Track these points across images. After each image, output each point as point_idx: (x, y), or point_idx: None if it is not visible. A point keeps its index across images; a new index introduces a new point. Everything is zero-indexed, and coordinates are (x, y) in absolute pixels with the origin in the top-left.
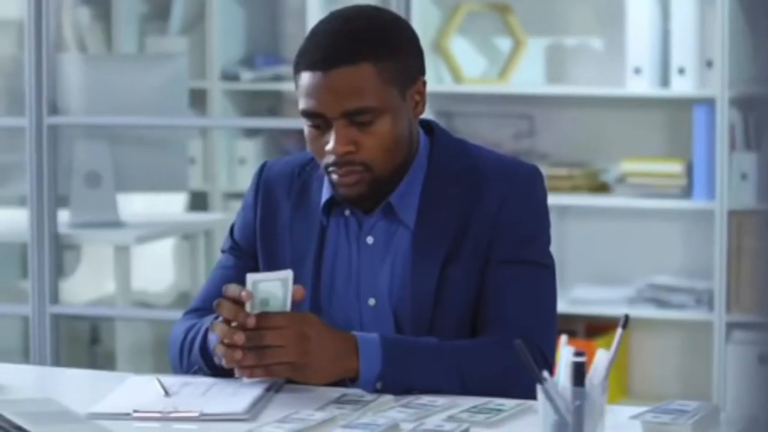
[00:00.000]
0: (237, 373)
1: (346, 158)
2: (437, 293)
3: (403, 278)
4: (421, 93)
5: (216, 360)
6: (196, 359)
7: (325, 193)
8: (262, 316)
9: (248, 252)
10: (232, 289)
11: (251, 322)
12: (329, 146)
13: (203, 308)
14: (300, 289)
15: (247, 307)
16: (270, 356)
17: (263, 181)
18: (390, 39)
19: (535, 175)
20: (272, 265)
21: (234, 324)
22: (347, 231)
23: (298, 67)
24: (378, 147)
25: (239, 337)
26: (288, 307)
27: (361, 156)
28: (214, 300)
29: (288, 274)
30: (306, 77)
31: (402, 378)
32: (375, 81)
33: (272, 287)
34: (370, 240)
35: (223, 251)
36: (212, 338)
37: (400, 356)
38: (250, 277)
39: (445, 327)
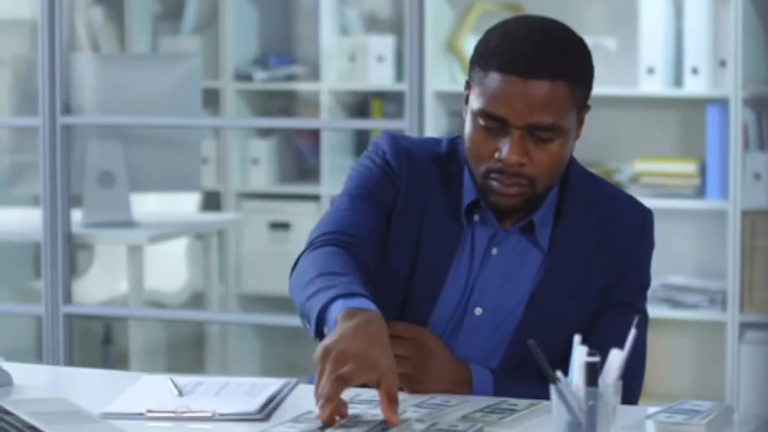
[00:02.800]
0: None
1: (515, 169)
2: (556, 321)
3: (522, 297)
4: (583, 120)
5: (326, 330)
6: (309, 314)
7: (468, 195)
8: (389, 324)
9: (381, 200)
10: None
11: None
12: (503, 153)
13: (352, 235)
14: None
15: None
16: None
17: (402, 154)
18: (584, 63)
19: (653, 219)
20: (397, 241)
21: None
22: (473, 237)
23: (488, 65)
24: (547, 165)
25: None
26: None
27: (529, 170)
28: (364, 233)
29: None
30: (497, 78)
31: None
32: (565, 101)
33: None
34: (494, 251)
35: (349, 195)
36: (331, 318)
37: (508, 393)
38: None
39: (550, 354)
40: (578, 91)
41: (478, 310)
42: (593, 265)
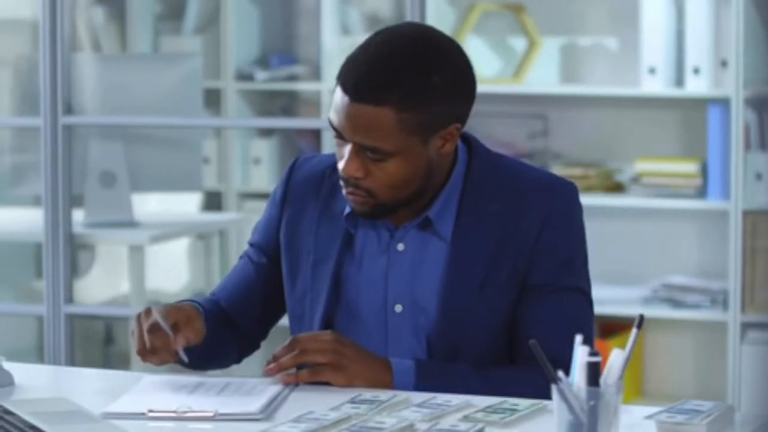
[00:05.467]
0: (281, 380)
1: (352, 180)
2: (470, 312)
3: (433, 289)
4: (452, 135)
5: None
6: None
7: None
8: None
9: (266, 250)
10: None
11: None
12: (341, 164)
13: (217, 298)
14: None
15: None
16: (309, 356)
17: (293, 179)
18: (422, 91)
19: (574, 193)
20: (294, 267)
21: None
22: (378, 238)
23: (338, 78)
24: (384, 181)
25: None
26: None
27: (367, 183)
28: (228, 292)
29: None
30: (338, 92)
31: None
32: (392, 128)
33: None
34: (400, 247)
35: (249, 244)
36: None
37: (433, 381)
38: None
39: (474, 345)
40: (410, 118)
41: (398, 307)
42: (499, 256)
